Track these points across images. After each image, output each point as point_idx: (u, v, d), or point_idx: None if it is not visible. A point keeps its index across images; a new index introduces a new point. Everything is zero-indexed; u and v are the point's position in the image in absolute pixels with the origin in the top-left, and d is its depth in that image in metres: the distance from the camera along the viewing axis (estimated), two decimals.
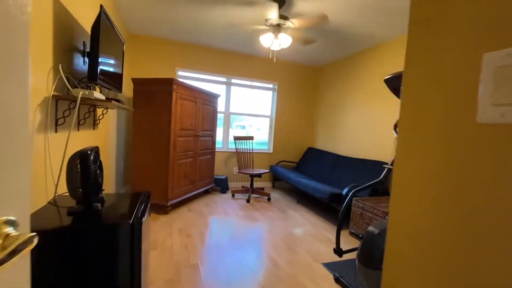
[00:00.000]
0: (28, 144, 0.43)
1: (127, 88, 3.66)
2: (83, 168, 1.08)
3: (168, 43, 3.90)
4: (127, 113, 3.76)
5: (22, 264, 0.45)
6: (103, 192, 1.35)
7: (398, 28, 2.90)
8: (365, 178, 3.25)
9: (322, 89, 4.68)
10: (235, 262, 2.03)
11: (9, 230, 0.38)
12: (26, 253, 0.38)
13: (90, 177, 1.09)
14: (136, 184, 3.06)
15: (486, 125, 0.41)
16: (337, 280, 1.89)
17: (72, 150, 1.59)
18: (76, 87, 1.56)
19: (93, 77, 1.55)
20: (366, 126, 3.60)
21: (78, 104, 1.40)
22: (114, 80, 1.99)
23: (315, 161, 4.31)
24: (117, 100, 1.73)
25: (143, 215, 1.15)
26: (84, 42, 1.85)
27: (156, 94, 2.93)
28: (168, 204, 2.96)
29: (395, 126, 2.09)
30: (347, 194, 2.96)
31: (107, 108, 2.24)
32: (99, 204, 1.16)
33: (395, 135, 1.96)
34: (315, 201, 3.95)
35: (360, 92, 3.74)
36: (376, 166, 3.22)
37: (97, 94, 1.53)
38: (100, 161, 1.25)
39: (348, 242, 2.57)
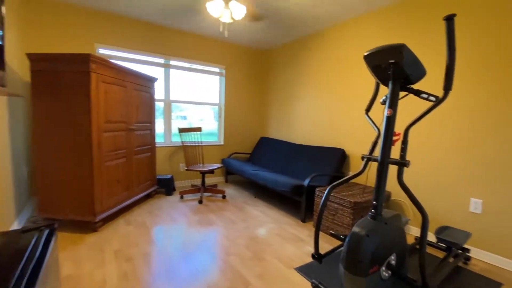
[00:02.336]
0: None
1: (23, 68, 2.69)
2: None
3: (84, 11, 3.01)
4: (25, 102, 2.80)
5: None
6: None
7: (354, 9, 2.76)
8: (322, 166, 3.14)
9: (275, 73, 4.41)
10: None
11: None
12: None
13: None
14: (46, 196, 2.28)
15: None
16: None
17: None
18: None
19: None
20: (321, 112, 3.49)
21: None
22: None
23: (269, 151, 4.07)
24: None
25: (33, 281, 0.63)
26: None
27: (66, 76, 2.16)
28: (97, 220, 2.29)
29: (367, 110, 1.93)
30: (309, 186, 2.79)
31: None
32: None
33: (368, 120, 1.78)
34: (273, 193, 3.73)
35: (314, 77, 3.58)
36: (332, 153, 3.13)
37: None
38: None
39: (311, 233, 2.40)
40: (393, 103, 1.41)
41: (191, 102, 4.00)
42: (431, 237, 2.32)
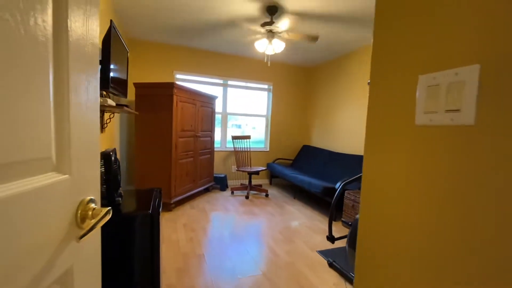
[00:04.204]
0: (98, 143, 0.60)
1: (128, 92, 3.79)
2: (107, 167, 1.24)
3: (166, 47, 4.04)
4: (128, 116, 3.90)
5: (97, 234, 0.62)
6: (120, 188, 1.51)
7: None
8: (356, 172, 3.45)
9: (316, 88, 4.87)
10: (238, 253, 2.21)
11: (93, 205, 0.55)
12: (102, 224, 0.55)
13: (112, 175, 1.25)
14: (140, 183, 3.21)
15: (421, 126, 0.59)
16: (330, 265, 2.08)
17: None
18: None
19: (105, 85, 1.71)
20: (358, 124, 3.80)
21: None
22: (120, 86, 2.14)
23: (310, 158, 4.50)
24: (127, 106, 1.89)
25: (159, 206, 1.31)
26: None
27: (157, 98, 3.08)
28: (172, 202, 3.12)
29: None
30: (338, 187, 3.17)
31: (114, 113, 2.38)
32: (119, 199, 1.32)
33: None
34: (311, 196, 4.14)
35: (352, 91, 3.93)
36: None
37: (110, 101, 1.69)
38: (118, 161, 1.41)
39: (341, 231, 2.77)
40: None
41: (243, 114, 4.74)
42: None
